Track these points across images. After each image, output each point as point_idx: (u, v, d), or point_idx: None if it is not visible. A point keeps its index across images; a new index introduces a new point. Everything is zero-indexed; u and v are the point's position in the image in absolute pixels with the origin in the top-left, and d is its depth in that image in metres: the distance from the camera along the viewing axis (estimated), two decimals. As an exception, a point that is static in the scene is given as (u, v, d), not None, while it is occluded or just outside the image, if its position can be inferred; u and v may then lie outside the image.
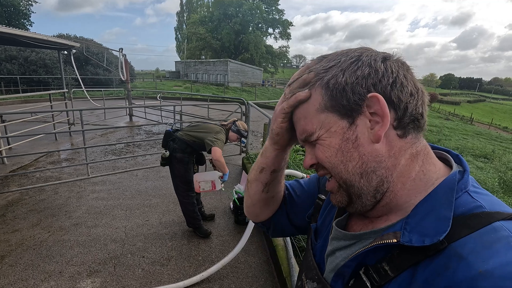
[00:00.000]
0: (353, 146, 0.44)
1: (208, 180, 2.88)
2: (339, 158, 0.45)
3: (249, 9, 40.30)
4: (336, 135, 0.45)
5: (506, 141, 19.82)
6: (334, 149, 0.46)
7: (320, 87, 0.46)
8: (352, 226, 0.54)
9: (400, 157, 0.44)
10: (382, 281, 0.41)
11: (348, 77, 0.43)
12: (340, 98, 0.44)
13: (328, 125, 0.46)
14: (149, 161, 5.39)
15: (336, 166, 0.46)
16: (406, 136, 0.44)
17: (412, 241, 0.39)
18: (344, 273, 0.47)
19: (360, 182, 0.45)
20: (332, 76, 0.44)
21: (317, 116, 0.47)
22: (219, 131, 2.78)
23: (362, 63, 0.44)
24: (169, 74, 43.56)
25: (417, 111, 0.44)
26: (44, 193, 3.87)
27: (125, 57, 9.01)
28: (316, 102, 0.46)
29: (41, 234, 2.94)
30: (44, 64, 18.00)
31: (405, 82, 0.43)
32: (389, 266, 0.41)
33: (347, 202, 0.48)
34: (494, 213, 0.38)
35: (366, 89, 0.43)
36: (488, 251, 0.34)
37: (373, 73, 0.43)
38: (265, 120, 4.66)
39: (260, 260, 2.65)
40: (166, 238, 2.93)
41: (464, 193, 0.41)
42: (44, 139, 6.49)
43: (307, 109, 0.48)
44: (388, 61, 0.44)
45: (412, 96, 0.43)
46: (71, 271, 2.42)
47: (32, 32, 5.74)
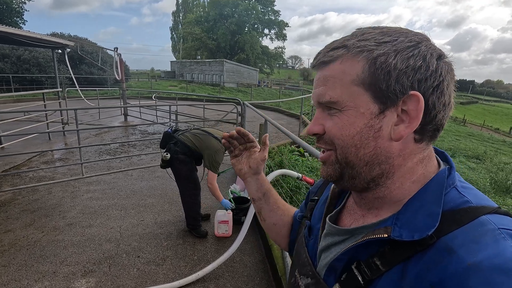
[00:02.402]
0: (373, 136, 0.43)
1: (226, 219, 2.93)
2: (355, 141, 0.44)
3: (245, 9, 40.31)
4: (363, 117, 0.43)
5: (498, 142, 20.14)
6: (354, 130, 0.43)
7: (365, 59, 0.42)
8: (343, 222, 0.54)
9: (409, 160, 0.44)
10: (373, 276, 0.41)
11: (399, 62, 0.40)
12: (382, 81, 0.41)
13: (358, 103, 0.43)
14: (144, 161, 5.37)
15: (348, 147, 0.44)
16: (421, 142, 0.44)
17: (403, 236, 0.39)
18: (336, 267, 0.47)
19: (362, 168, 0.45)
20: (384, 54, 0.41)
21: (350, 87, 0.43)
22: (219, 149, 2.83)
23: (418, 52, 0.40)
24: (165, 74, 43.33)
25: (442, 122, 0.43)
26: (37, 193, 3.83)
27: (120, 57, 8.95)
28: (354, 73, 0.42)
29: (35, 234, 2.91)
30: (37, 63, 17.77)
31: (446, 90, 0.42)
32: (380, 261, 0.41)
33: (336, 178, 0.48)
34: (480, 208, 0.39)
35: (411, 83, 0.40)
36: (476, 245, 0.35)
37: (424, 68, 0.40)
38: (260, 120, 4.66)
39: (256, 260, 2.66)
40: (162, 237, 2.93)
41: (452, 188, 0.42)
42: (37, 139, 6.42)
43: (341, 74, 0.43)
44: (441, 61, 0.42)
45: (444, 107, 0.42)
46: (65, 271, 2.40)
47: (25, 30, 5.68)
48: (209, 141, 2.84)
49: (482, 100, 73.03)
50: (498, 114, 54.04)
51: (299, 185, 3.75)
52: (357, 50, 0.42)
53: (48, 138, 6.67)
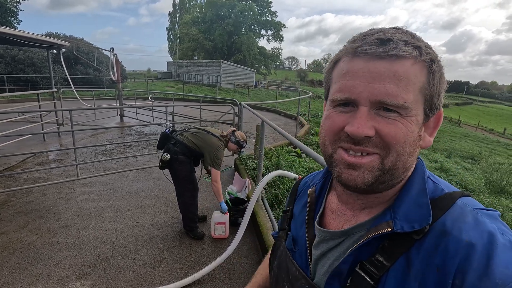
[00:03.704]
0: (418, 144, 0.44)
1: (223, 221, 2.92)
2: (410, 149, 0.42)
3: (242, 10, 40.33)
4: (418, 126, 0.42)
5: (492, 143, 20.33)
6: (412, 138, 0.42)
7: (427, 68, 0.41)
8: (330, 225, 0.52)
9: (414, 159, 0.47)
10: (380, 273, 0.42)
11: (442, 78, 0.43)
12: (435, 94, 0.42)
13: (419, 111, 0.42)
14: (140, 162, 5.33)
15: (404, 154, 0.42)
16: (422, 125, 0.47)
17: (404, 228, 0.41)
18: (341, 271, 0.45)
19: (400, 176, 0.44)
20: (437, 68, 0.41)
21: (418, 94, 0.41)
22: (219, 147, 2.82)
23: (441, 65, 0.42)
24: (161, 74, 43.20)
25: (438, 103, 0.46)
26: (31, 195, 3.78)
27: (116, 57, 8.90)
28: (421, 79, 0.41)
29: (29, 236, 2.87)
30: (32, 63, 17.60)
31: (443, 79, 0.45)
32: (383, 257, 0.42)
33: (369, 186, 0.43)
34: (452, 193, 0.44)
35: (440, 100, 0.44)
36: (464, 224, 0.40)
37: (443, 82, 0.43)
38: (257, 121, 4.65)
39: (253, 261, 2.65)
40: (158, 239, 2.90)
41: (428, 179, 0.46)
42: (31, 140, 6.35)
43: (414, 77, 0.40)
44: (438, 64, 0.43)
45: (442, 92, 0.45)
46: (59, 274, 2.37)
47: (19, 30, 5.61)
48: (209, 139, 2.83)
49: (476, 101, 73.78)
50: (493, 115, 54.62)
51: (296, 186, 3.74)
52: (427, 57, 0.41)
53: (43, 139, 6.60)
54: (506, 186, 5.92)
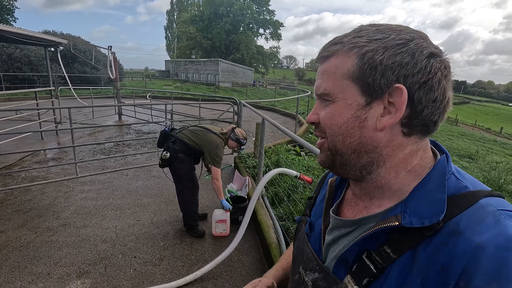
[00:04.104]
0: (358, 126, 0.46)
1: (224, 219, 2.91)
2: (342, 130, 0.47)
3: (240, 9, 40.24)
4: (350, 108, 0.46)
5: (489, 141, 20.48)
6: (341, 120, 0.47)
7: (355, 54, 0.44)
8: (345, 214, 0.55)
9: (398, 151, 0.46)
10: (384, 263, 0.42)
11: (385, 58, 0.42)
12: (368, 75, 0.44)
13: (346, 95, 0.46)
14: (139, 161, 5.31)
15: (336, 135, 0.48)
16: (410, 136, 0.46)
17: (413, 223, 0.41)
18: (347, 258, 0.48)
19: (350, 156, 0.48)
20: (372, 50, 0.43)
21: (341, 81, 0.46)
22: (219, 144, 2.82)
23: (407, 49, 0.42)
24: (159, 73, 43.04)
25: (431, 118, 0.44)
26: (30, 193, 3.75)
27: (114, 55, 8.85)
28: (345, 67, 0.45)
29: (28, 235, 2.85)
30: (29, 61, 17.45)
31: (436, 86, 0.43)
32: (390, 248, 0.42)
33: (328, 164, 0.51)
34: (477, 192, 0.42)
35: (396, 77, 0.42)
36: (480, 226, 0.37)
37: (411, 65, 0.42)
38: (256, 120, 4.64)
39: (254, 259, 2.65)
40: (158, 237, 2.89)
41: (451, 175, 0.45)
42: (29, 138, 6.30)
43: (334, 68, 0.47)
44: (433, 59, 0.43)
45: (434, 103, 0.43)
46: (59, 273, 2.35)
47: (17, 27, 5.56)
48: (208, 136, 2.82)
49: (473, 100, 74.20)
50: (489, 114, 54.97)
51: (296, 184, 3.74)
52: (350, 46, 0.45)
53: (41, 138, 6.56)
54: (504, 185, 5.97)
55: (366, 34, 0.45)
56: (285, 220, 2.99)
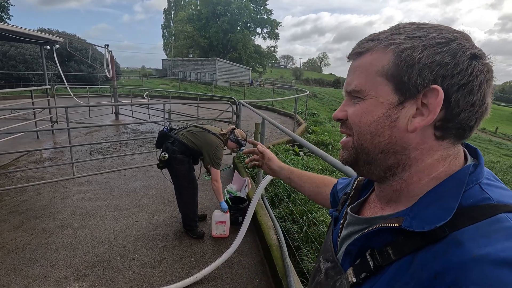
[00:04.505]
0: (389, 125, 0.44)
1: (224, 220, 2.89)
2: (371, 129, 0.46)
3: (238, 8, 40.18)
4: (381, 106, 0.45)
5: (484, 141, 20.67)
6: (371, 118, 0.45)
7: (392, 51, 0.43)
8: (363, 213, 0.57)
9: (427, 155, 0.44)
10: (383, 263, 0.42)
11: (425, 57, 0.41)
12: (404, 73, 0.42)
13: (379, 93, 0.45)
14: (137, 161, 5.25)
15: (364, 134, 0.47)
16: (443, 140, 0.44)
17: (413, 227, 0.40)
18: (351, 252, 0.50)
19: (377, 155, 0.47)
20: (410, 48, 0.42)
21: (374, 77, 0.45)
22: (218, 145, 2.78)
23: (448, 49, 0.40)
24: (156, 72, 42.84)
25: (467, 122, 0.42)
26: (26, 194, 3.69)
27: (111, 54, 8.76)
28: (380, 64, 0.44)
29: (24, 236, 2.79)
30: (24, 60, 17.28)
31: (476, 90, 0.41)
32: (392, 250, 0.42)
33: (350, 163, 0.51)
34: (501, 205, 0.38)
35: (433, 77, 0.41)
36: (486, 239, 0.35)
37: (452, 65, 0.40)
38: (255, 119, 4.62)
39: (254, 261, 2.62)
40: (157, 239, 2.86)
41: (475, 185, 0.42)
42: (25, 138, 6.22)
43: (368, 65, 0.46)
44: (476, 61, 0.41)
45: (471, 107, 0.41)
46: (57, 275, 2.31)
47: (12, 25, 5.48)
48: (207, 137, 2.78)
49: (469, 100, 74.73)
50: (485, 114, 55.40)
51: (296, 185, 3.72)
52: (387, 43, 0.44)
53: (37, 137, 6.47)
54: (501, 184, 6.00)
55: (405, 31, 0.44)
56: (285, 221, 2.97)
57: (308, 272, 2.23)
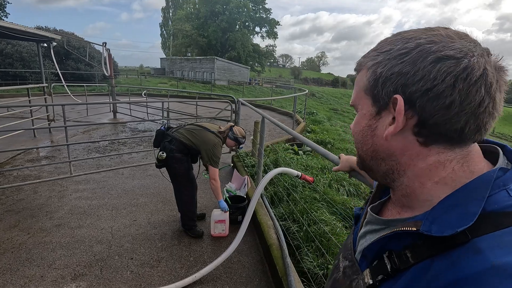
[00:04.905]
0: (370, 134, 0.49)
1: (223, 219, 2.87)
2: (360, 138, 0.51)
3: (236, 7, 40.08)
4: (365, 117, 0.49)
5: (483, 141, 20.67)
6: (359, 128, 0.51)
7: (366, 68, 0.48)
8: (383, 214, 0.57)
9: (417, 160, 0.45)
10: (401, 266, 0.42)
11: (386, 70, 0.44)
12: (374, 87, 0.46)
13: (362, 106, 0.50)
14: (135, 159, 5.21)
15: (357, 142, 0.53)
16: (429, 145, 0.43)
17: (432, 231, 0.39)
18: (367, 255, 0.50)
19: (370, 162, 0.51)
20: (377, 63, 0.45)
21: (360, 93, 0.50)
22: (217, 143, 2.75)
23: (408, 59, 0.41)
24: (154, 71, 42.68)
25: (447, 126, 0.40)
26: (22, 193, 3.65)
27: (109, 52, 8.69)
28: (362, 81, 0.49)
29: (20, 236, 2.75)
30: (20, 57, 17.15)
31: (447, 92, 0.39)
32: (411, 254, 0.42)
33: (360, 168, 0.55)
34: None
35: (394, 88, 0.43)
36: (508, 248, 0.34)
37: (410, 74, 0.41)
38: (254, 118, 4.58)
39: (254, 260, 2.60)
40: (156, 238, 2.82)
41: (502, 190, 0.39)
42: (21, 136, 6.15)
43: (358, 82, 0.51)
44: (441, 64, 0.39)
45: (447, 109, 0.39)
46: (54, 275, 2.27)
47: (9, 22, 5.41)
48: (205, 135, 2.75)
49: (466, 100, 75.11)
50: (482, 114, 55.77)
51: (296, 184, 3.70)
52: (367, 60, 0.48)
53: (33, 135, 6.41)
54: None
55: (380, 46, 0.47)
56: (285, 219, 2.95)
57: (308, 272, 2.21)
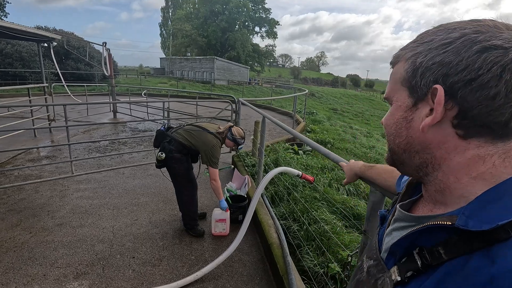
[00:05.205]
0: (405, 126, 0.48)
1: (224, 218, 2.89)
2: (393, 130, 0.50)
3: (236, 6, 40.09)
4: (400, 109, 0.49)
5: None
6: (393, 120, 0.50)
7: (404, 60, 0.48)
8: (414, 212, 0.55)
9: (455, 154, 0.43)
10: (433, 262, 0.40)
11: (426, 60, 0.43)
12: (412, 78, 0.46)
13: (398, 98, 0.49)
14: (135, 159, 5.23)
15: (389, 135, 0.52)
16: (468, 138, 0.42)
17: (469, 225, 0.37)
18: (395, 252, 0.49)
19: (402, 155, 0.50)
20: (417, 54, 0.45)
21: (396, 85, 0.50)
22: (215, 144, 2.75)
23: (452, 48, 0.41)
24: (154, 70, 42.68)
25: (490, 118, 0.39)
26: (23, 192, 3.66)
27: (109, 52, 8.70)
28: (399, 73, 0.49)
29: (22, 235, 2.77)
30: (20, 57, 17.14)
31: (492, 83, 0.38)
32: (444, 250, 0.40)
33: (390, 163, 0.55)
34: None
35: (434, 78, 0.42)
36: None
37: (454, 64, 0.40)
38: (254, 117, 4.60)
39: (255, 259, 2.62)
40: (157, 237, 2.84)
41: None
42: (22, 136, 6.16)
43: (394, 74, 0.51)
44: (487, 54, 0.38)
45: (492, 100, 0.38)
46: (56, 274, 2.29)
47: (9, 22, 5.42)
48: (204, 136, 2.76)
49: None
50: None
51: (296, 183, 3.72)
52: (406, 52, 0.48)
53: (34, 135, 6.42)
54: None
55: (420, 37, 0.47)
56: (286, 219, 2.97)
57: (309, 270, 2.23)
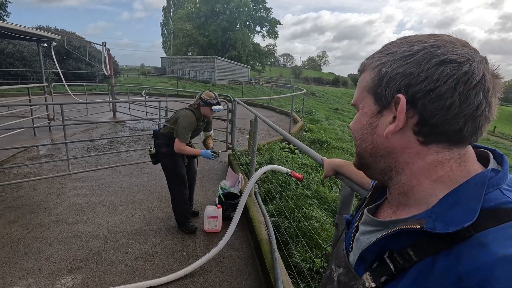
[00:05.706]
0: (371, 132, 0.50)
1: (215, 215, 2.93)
2: (359, 135, 0.53)
3: (237, 6, 40.09)
4: (366, 116, 0.51)
5: (483, 140, 20.69)
6: (360, 126, 0.53)
7: (371, 69, 0.50)
8: (379, 215, 0.57)
9: (416, 159, 0.47)
10: (405, 264, 0.42)
11: (390, 71, 0.46)
12: (377, 86, 0.48)
13: (365, 105, 0.52)
14: (133, 158, 5.30)
15: (356, 140, 0.54)
16: (428, 144, 0.45)
17: (436, 228, 0.40)
18: (366, 257, 0.50)
19: (368, 159, 0.53)
20: (382, 63, 0.48)
21: (363, 92, 0.52)
22: (187, 115, 2.70)
23: (413, 60, 0.44)
24: (155, 70, 42.76)
25: (446, 127, 0.43)
26: (22, 190, 3.74)
27: (109, 51, 8.77)
28: (366, 81, 0.51)
29: (19, 231, 2.84)
30: (21, 57, 17.25)
31: (448, 94, 0.41)
32: (413, 251, 0.42)
33: (358, 167, 0.57)
34: None
35: (397, 87, 0.45)
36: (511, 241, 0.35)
37: (415, 75, 0.43)
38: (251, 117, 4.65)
39: (245, 255, 2.68)
40: (150, 234, 2.91)
41: (496, 190, 0.42)
42: (22, 135, 6.24)
43: (360, 82, 0.53)
44: (444, 67, 0.42)
45: (447, 110, 0.42)
46: (50, 268, 2.36)
47: (9, 22, 5.49)
48: (177, 113, 2.79)
49: (468, 99, 74.66)
50: (483, 113, 55.44)
51: (289, 181, 3.78)
52: (372, 61, 0.51)
53: (33, 134, 6.50)
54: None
55: (385, 48, 0.50)
56: (278, 216, 3.02)
57: (295, 266, 2.29)
